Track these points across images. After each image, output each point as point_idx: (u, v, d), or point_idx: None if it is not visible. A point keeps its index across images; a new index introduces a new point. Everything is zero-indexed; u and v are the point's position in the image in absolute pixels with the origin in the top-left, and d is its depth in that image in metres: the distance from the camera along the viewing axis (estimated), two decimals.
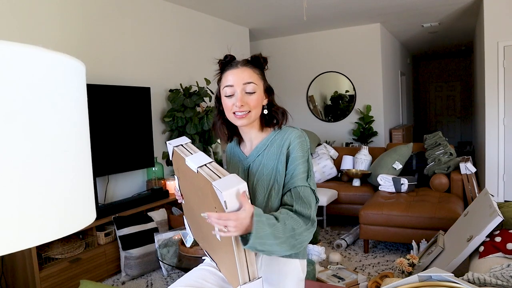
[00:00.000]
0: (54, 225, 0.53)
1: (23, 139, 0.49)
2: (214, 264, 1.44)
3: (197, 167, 1.21)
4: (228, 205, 1.08)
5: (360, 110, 6.22)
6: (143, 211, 3.43)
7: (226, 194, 1.07)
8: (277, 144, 1.38)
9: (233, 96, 1.36)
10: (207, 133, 4.15)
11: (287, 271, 1.36)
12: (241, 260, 1.14)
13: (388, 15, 5.55)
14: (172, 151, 1.43)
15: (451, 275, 1.23)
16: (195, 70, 4.74)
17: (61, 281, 2.81)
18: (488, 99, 4.72)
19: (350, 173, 4.46)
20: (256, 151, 1.43)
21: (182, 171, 1.37)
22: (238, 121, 1.37)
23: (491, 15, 4.61)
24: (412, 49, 8.89)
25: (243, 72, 1.36)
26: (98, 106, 3.18)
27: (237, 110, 1.35)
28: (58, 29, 3.18)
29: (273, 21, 5.52)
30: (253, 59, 1.42)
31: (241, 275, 1.14)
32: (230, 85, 1.36)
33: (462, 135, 10.31)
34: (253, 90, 1.35)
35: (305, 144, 1.37)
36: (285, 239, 1.20)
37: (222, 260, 1.28)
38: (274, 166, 1.36)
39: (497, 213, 2.17)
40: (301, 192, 1.30)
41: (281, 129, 1.42)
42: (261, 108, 1.41)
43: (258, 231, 1.12)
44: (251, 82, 1.35)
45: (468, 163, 3.74)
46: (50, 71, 0.53)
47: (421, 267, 2.54)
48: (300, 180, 1.32)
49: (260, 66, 1.43)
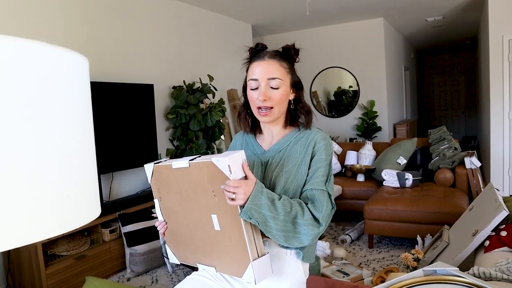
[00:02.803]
0: (59, 220, 0.53)
1: (28, 134, 0.49)
2: (208, 272, 1.41)
3: (188, 161, 1.25)
4: (232, 168, 1.15)
5: (364, 106, 6.20)
6: (148, 207, 3.44)
7: (228, 158, 1.14)
8: (302, 143, 1.36)
9: (257, 89, 1.34)
10: (210, 129, 4.15)
11: (288, 272, 1.33)
12: (249, 234, 1.18)
13: (391, 10, 5.52)
14: (152, 171, 1.42)
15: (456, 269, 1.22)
16: (198, 66, 4.74)
17: (67, 278, 2.82)
18: (493, 93, 4.69)
19: (354, 169, 4.45)
20: (277, 146, 1.40)
21: (166, 183, 1.37)
22: (261, 118, 1.36)
23: (496, 8, 4.57)
24: (416, 44, 8.84)
25: (269, 66, 1.33)
26: (102, 103, 3.18)
27: (260, 105, 1.33)
28: (62, 27, 3.19)
29: (276, 16, 5.50)
30: (284, 50, 1.39)
31: (251, 252, 1.17)
32: (254, 79, 1.34)
33: (467, 130, 10.27)
34: (277, 85, 1.33)
35: (329, 147, 1.35)
36: (282, 220, 1.20)
37: (222, 254, 1.28)
38: (296, 165, 1.34)
39: (503, 207, 2.16)
40: (317, 195, 1.29)
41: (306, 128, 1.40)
42: (286, 104, 1.38)
43: (255, 198, 1.17)
44: (275, 77, 1.33)
45: (473, 158, 3.72)
46: (54, 66, 0.53)
47: (426, 262, 2.53)
48: (318, 183, 1.30)
49: (289, 58, 1.39)
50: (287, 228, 1.22)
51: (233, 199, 1.15)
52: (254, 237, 1.19)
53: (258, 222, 1.19)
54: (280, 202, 1.22)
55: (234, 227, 1.20)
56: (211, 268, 1.34)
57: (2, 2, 2.76)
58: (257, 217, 1.18)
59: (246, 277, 1.20)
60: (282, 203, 1.22)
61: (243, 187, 1.15)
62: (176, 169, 1.30)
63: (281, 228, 1.21)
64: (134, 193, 3.71)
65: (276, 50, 1.39)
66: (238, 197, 1.15)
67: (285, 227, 1.22)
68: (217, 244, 1.28)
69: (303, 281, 1.38)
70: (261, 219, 1.19)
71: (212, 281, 1.39)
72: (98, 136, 3.12)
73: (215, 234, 1.27)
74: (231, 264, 1.26)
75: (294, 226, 1.23)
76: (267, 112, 1.34)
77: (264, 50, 1.40)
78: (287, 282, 1.32)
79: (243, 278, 1.21)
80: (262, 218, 1.19)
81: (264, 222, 1.19)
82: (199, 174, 1.23)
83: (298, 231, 1.24)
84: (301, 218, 1.23)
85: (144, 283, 3.03)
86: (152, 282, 3.03)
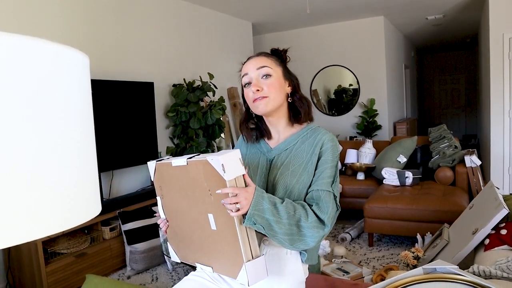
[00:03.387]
0: (59, 218, 0.53)
1: (28, 133, 0.49)
2: (206, 273, 1.41)
3: (186, 159, 1.25)
4: (225, 168, 1.13)
5: (364, 104, 6.19)
6: (148, 206, 3.44)
7: (222, 157, 1.13)
8: (309, 143, 1.36)
9: (250, 84, 1.36)
10: (210, 127, 4.15)
11: (287, 272, 1.32)
12: (243, 235, 1.17)
13: (391, 8, 5.51)
14: (154, 168, 1.42)
15: (456, 267, 1.22)
16: (198, 64, 4.74)
17: (67, 275, 2.83)
18: (493, 91, 4.69)
19: (354, 167, 4.45)
20: (284, 144, 1.40)
21: (167, 180, 1.37)
22: (257, 108, 1.36)
23: (497, 6, 4.57)
24: (416, 42, 8.83)
25: (257, 59, 1.38)
26: (102, 101, 3.18)
27: (255, 96, 1.34)
28: (62, 25, 3.18)
29: (276, 14, 5.49)
30: (272, 51, 1.45)
31: (245, 253, 1.16)
32: (245, 74, 1.37)
33: (467, 128, 10.26)
34: (267, 73, 1.35)
35: (336, 149, 1.35)
36: (286, 223, 1.20)
37: (218, 255, 1.28)
38: (302, 165, 1.33)
39: (503, 205, 2.16)
40: (323, 196, 1.28)
41: (312, 127, 1.41)
42: (282, 96, 1.38)
43: (257, 203, 1.16)
44: (264, 66, 1.35)
45: (473, 156, 3.72)
46: (54, 64, 0.53)
47: (426, 260, 2.54)
48: (325, 184, 1.30)
49: (277, 55, 1.43)
50: (292, 231, 1.22)
51: (238, 209, 1.14)
52: (248, 238, 1.18)
53: (263, 227, 1.19)
54: (282, 206, 1.21)
55: (229, 227, 1.19)
56: (208, 268, 1.34)
57: (2, 1, 2.76)
58: (261, 222, 1.18)
59: (240, 278, 1.19)
60: (285, 206, 1.22)
61: (243, 194, 1.14)
62: (176, 167, 1.30)
63: (286, 232, 1.21)
64: (134, 191, 3.71)
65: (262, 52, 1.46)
66: (241, 205, 1.14)
67: (290, 230, 1.21)
68: (214, 244, 1.28)
69: (302, 280, 1.37)
70: (265, 224, 1.18)
71: (209, 282, 1.38)
72: (98, 134, 3.12)
73: (212, 234, 1.26)
74: (226, 264, 1.25)
75: (298, 229, 1.23)
76: (260, 98, 1.34)
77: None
78: (286, 281, 1.31)
79: (237, 279, 1.20)
80: (266, 223, 1.18)
81: (269, 227, 1.19)
82: (196, 173, 1.23)
83: (303, 234, 1.24)
84: (305, 221, 1.23)
85: (144, 281, 3.03)
86: (152, 280, 3.04)
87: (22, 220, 0.49)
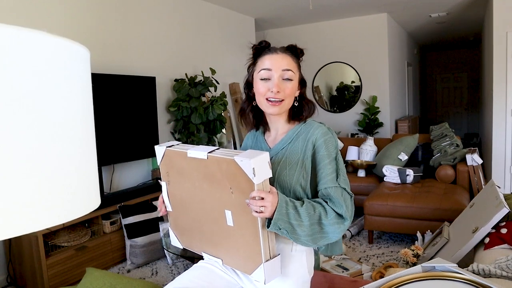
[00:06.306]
0: (59, 210, 0.53)
1: (27, 124, 0.49)
2: (213, 262, 1.41)
3: (206, 153, 1.21)
4: (256, 172, 1.10)
5: (366, 101, 6.18)
6: (148, 200, 3.45)
7: (254, 161, 1.10)
8: (302, 138, 1.36)
9: (269, 80, 1.33)
10: (212, 123, 4.15)
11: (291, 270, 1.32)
12: (264, 236, 1.17)
13: (395, 5, 5.48)
14: (163, 153, 1.39)
15: (455, 266, 1.23)
16: (200, 59, 4.73)
17: (67, 268, 2.84)
18: (496, 90, 4.67)
19: (355, 164, 4.45)
20: (280, 144, 1.39)
21: (178, 169, 1.34)
22: (270, 109, 1.34)
23: (500, 4, 4.54)
24: (419, 40, 8.79)
25: (283, 59, 1.34)
26: (103, 95, 3.18)
27: (271, 96, 1.32)
28: (63, 19, 3.18)
29: (279, 10, 5.47)
30: (290, 48, 1.40)
31: (264, 253, 1.17)
32: (268, 69, 1.33)
33: (469, 127, 10.24)
34: (290, 77, 1.33)
35: (330, 142, 1.33)
36: (308, 225, 1.21)
37: (231, 249, 1.28)
38: (299, 162, 1.33)
39: (503, 204, 2.16)
40: (332, 193, 1.28)
41: (306, 122, 1.40)
42: (293, 99, 1.38)
43: (281, 208, 1.16)
44: (290, 69, 1.33)
45: (475, 155, 3.71)
46: (54, 56, 0.53)
47: (426, 258, 2.54)
48: (329, 181, 1.29)
49: (297, 56, 1.41)
50: (313, 231, 1.23)
51: (261, 211, 1.13)
52: (268, 239, 1.19)
53: (287, 231, 1.19)
54: (303, 208, 1.22)
55: (249, 226, 1.19)
56: (217, 259, 1.35)
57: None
58: (285, 227, 1.18)
59: (255, 275, 1.20)
60: (305, 208, 1.22)
61: (271, 199, 1.13)
62: (192, 158, 1.27)
63: (308, 233, 1.22)
64: (135, 185, 3.72)
65: (284, 47, 1.40)
66: (266, 210, 1.13)
67: (312, 230, 1.22)
68: (227, 238, 1.28)
69: (307, 280, 1.36)
70: (289, 228, 1.19)
71: (220, 270, 1.40)
72: (99, 128, 3.12)
73: (227, 229, 1.26)
74: (240, 260, 1.26)
75: (320, 227, 1.24)
76: (276, 102, 1.32)
77: (268, 46, 1.40)
78: (290, 280, 1.31)
79: (252, 276, 1.21)
80: (290, 228, 1.19)
81: (292, 231, 1.20)
82: (217, 169, 1.20)
83: (325, 231, 1.25)
84: (325, 218, 1.24)
85: (144, 275, 3.04)
86: (152, 274, 3.05)
87: (22, 211, 0.49)
